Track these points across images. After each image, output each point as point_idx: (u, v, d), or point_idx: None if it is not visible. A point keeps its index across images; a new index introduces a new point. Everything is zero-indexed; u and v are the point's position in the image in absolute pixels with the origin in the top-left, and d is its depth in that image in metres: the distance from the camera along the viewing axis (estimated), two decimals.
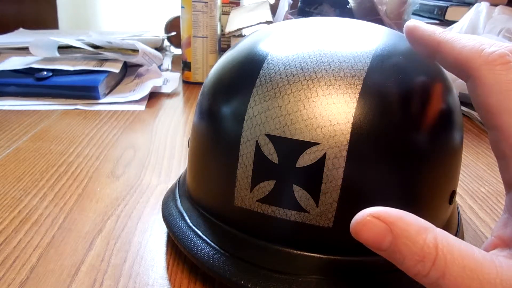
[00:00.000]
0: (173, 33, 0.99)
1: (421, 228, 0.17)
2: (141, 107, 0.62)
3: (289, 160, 0.23)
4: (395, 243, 0.17)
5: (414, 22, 0.22)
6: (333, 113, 0.22)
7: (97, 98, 0.62)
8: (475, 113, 0.60)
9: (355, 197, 0.22)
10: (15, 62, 0.70)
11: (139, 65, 0.75)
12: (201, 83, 0.77)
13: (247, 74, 0.25)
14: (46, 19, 1.25)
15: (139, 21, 1.37)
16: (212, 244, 0.25)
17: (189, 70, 0.76)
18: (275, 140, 0.23)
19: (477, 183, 0.42)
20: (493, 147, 0.19)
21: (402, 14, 0.78)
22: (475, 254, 0.16)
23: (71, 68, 0.66)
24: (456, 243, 0.16)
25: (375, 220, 0.17)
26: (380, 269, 0.24)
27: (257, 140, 0.23)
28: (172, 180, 0.40)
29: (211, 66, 0.75)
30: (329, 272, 0.23)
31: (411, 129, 0.23)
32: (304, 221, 0.23)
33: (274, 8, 0.90)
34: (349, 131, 0.22)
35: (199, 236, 0.26)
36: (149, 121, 0.56)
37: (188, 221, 0.28)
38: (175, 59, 0.93)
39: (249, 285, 0.23)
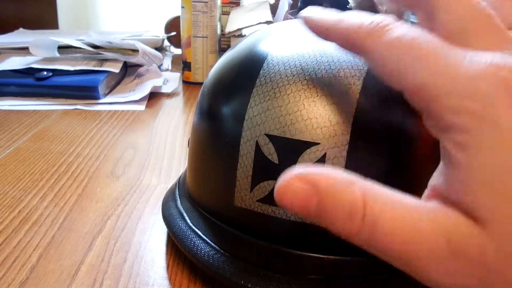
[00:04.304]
0: (173, 33, 0.99)
1: (348, 183, 0.16)
2: (141, 107, 0.62)
3: (289, 160, 0.23)
4: (323, 204, 0.15)
5: (306, 13, 0.21)
6: (333, 113, 0.22)
7: (97, 98, 0.62)
8: None
9: None
10: (15, 62, 0.70)
11: (139, 65, 0.75)
12: (201, 83, 0.77)
13: (247, 74, 0.25)
14: (46, 19, 1.25)
15: (139, 21, 1.37)
16: (212, 244, 0.25)
17: (189, 70, 0.76)
18: (275, 140, 0.23)
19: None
20: (413, 100, 0.18)
21: (402, 14, 0.78)
22: (406, 201, 0.15)
23: (71, 68, 0.66)
24: (384, 191, 0.15)
25: (299, 182, 0.16)
26: (380, 269, 0.24)
27: (257, 140, 0.23)
28: (172, 180, 0.40)
29: (211, 66, 0.75)
30: (329, 272, 0.23)
31: (411, 129, 0.23)
32: (304, 221, 0.23)
33: (274, 8, 0.90)
34: (349, 131, 0.22)
35: (199, 236, 0.26)
36: (149, 121, 0.56)
37: (188, 221, 0.28)
38: (175, 59, 0.93)
39: (249, 285, 0.23)
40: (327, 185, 0.16)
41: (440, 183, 0.16)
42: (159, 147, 0.48)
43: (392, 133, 0.22)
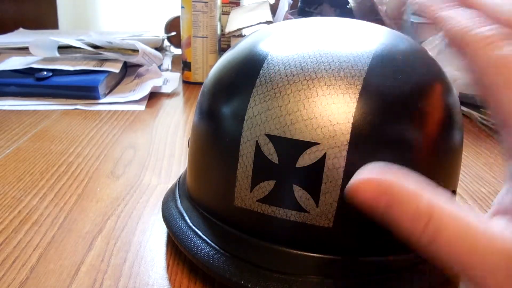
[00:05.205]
0: (173, 33, 0.99)
1: (417, 191, 0.17)
2: (141, 107, 0.62)
3: (289, 160, 0.23)
4: (390, 205, 0.17)
5: None
6: (333, 113, 0.22)
7: (97, 98, 0.62)
8: (475, 113, 0.60)
9: None
10: (15, 62, 0.70)
11: (139, 65, 0.75)
12: (201, 83, 0.77)
13: (247, 74, 0.25)
14: (46, 19, 1.25)
15: (139, 21, 1.37)
16: (212, 244, 0.25)
17: (189, 70, 0.76)
18: (275, 140, 0.23)
19: (477, 183, 0.42)
20: (493, 118, 0.19)
21: (402, 14, 0.78)
22: (470, 218, 0.16)
23: (71, 68, 0.66)
24: (450, 206, 0.16)
25: (370, 183, 0.17)
26: (379, 269, 0.24)
27: (257, 140, 0.23)
28: (172, 180, 0.40)
29: (211, 66, 0.75)
30: (329, 272, 0.23)
31: (411, 129, 0.23)
32: (304, 221, 0.23)
33: (274, 8, 0.90)
34: (349, 131, 0.22)
35: (199, 236, 0.26)
36: (149, 121, 0.56)
37: (188, 221, 0.28)
38: (175, 59, 0.93)
39: (249, 285, 0.23)
40: (398, 189, 0.17)
41: (507, 202, 0.18)
42: (159, 147, 0.48)
43: (392, 133, 0.22)
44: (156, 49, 0.88)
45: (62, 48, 0.73)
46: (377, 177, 0.17)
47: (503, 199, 0.18)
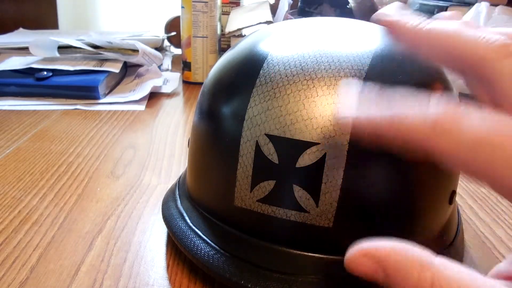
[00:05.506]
0: (173, 33, 0.99)
1: (414, 259, 0.16)
2: (141, 107, 0.62)
3: (289, 160, 0.23)
4: (391, 279, 0.16)
5: (388, 17, 0.20)
6: (333, 113, 0.22)
7: (97, 98, 0.62)
8: None
9: (355, 197, 0.22)
10: (15, 62, 0.70)
11: (139, 65, 0.75)
12: (201, 83, 0.77)
13: (247, 74, 0.25)
14: (46, 19, 1.25)
15: (139, 21, 1.37)
16: (212, 244, 0.25)
17: (189, 70, 0.76)
18: (275, 140, 0.23)
19: (477, 183, 0.42)
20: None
21: None
22: (474, 281, 0.15)
23: (71, 68, 0.66)
24: (452, 271, 0.16)
25: (364, 257, 0.17)
26: None
27: (257, 140, 0.23)
28: (172, 180, 0.40)
29: (211, 66, 0.75)
30: (329, 272, 0.23)
31: None
32: (304, 221, 0.23)
33: (274, 8, 0.90)
34: (349, 131, 0.22)
35: (199, 236, 0.26)
36: (149, 121, 0.56)
37: (188, 221, 0.28)
38: (175, 59, 0.93)
39: (249, 285, 0.23)
40: (394, 262, 0.16)
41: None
42: (159, 147, 0.48)
43: None
44: (156, 49, 0.88)
45: (62, 48, 0.73)
46: (371, 248, 0.17)
47: (510, 266, 0.17)
